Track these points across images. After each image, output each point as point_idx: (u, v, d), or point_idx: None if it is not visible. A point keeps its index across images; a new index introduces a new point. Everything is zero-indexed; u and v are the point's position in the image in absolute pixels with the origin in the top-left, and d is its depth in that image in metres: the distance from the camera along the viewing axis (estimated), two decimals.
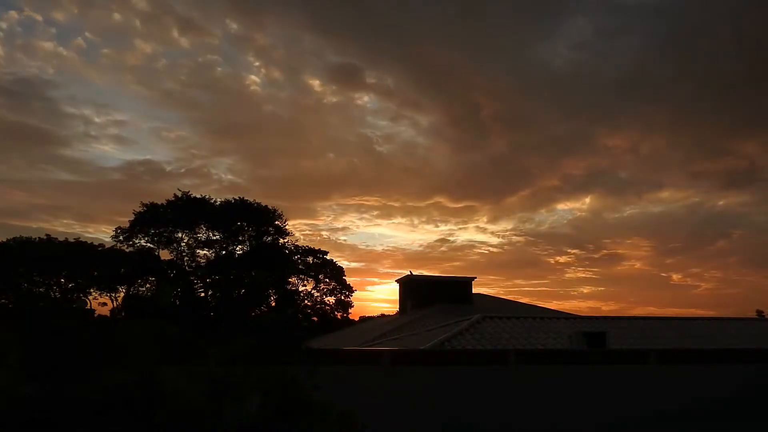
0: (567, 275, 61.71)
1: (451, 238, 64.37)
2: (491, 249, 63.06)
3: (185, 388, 2.61)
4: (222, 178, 57.01)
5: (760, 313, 36.13)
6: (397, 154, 61.59)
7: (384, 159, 61.57)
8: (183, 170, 56.02)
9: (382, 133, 60.63)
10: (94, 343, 2.74)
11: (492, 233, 63.39)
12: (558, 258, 61.45)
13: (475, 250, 63.63)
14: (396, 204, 62.05)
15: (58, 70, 52.99)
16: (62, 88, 56.61)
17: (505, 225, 63.92)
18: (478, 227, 64.02)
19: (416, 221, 63.81)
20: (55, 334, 2.73)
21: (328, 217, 60.76)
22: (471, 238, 64.76)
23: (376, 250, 65.67)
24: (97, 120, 53.92)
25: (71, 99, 55.75)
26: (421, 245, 66.07)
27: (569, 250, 61.41)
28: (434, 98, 56.65)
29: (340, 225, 62.28)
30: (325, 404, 2.68)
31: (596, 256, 61.21)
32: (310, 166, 60.94)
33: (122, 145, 57.91)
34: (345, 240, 63.81)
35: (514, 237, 62.87)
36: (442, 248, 64.55)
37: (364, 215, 62.91)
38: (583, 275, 62.15)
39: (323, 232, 60.26)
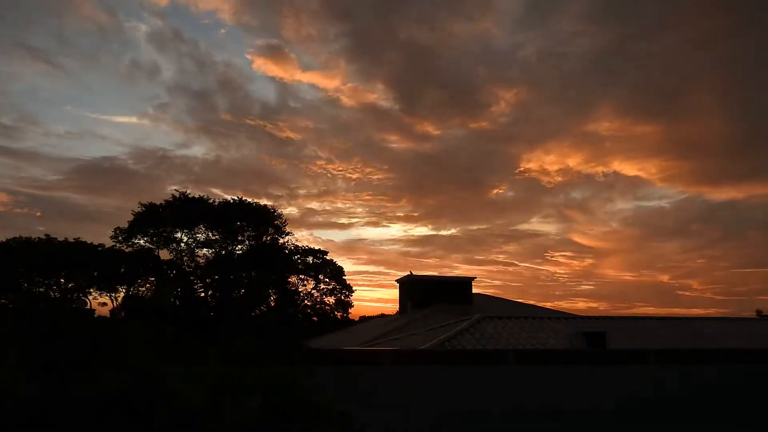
0: (559, 274, 61.42)
1: (424, 236, 63.49)
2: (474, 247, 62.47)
3: (185, 388, 2.61)
4: (184, 169, 56.05)
5: (760, 313, 36.21)
6: (359, 148, 59.69)
7: (345, 153, 59.82)
8: (140, 166, 55.17)
9: (341, 123, 58.48)
10: (94, 343, 2.74)
11: (468, 232, 62.69)
12: (549, 256, 61.09)
13: (456, 248, 62.95)
14: (365, 206, 60.10)
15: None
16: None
17: (481, 224, 62.97)
18: (451, 223, 62.99)
19: (389, 219, 62.18)
20: (55, 334, 2.73)
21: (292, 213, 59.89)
22: (448, 234, 63.98)
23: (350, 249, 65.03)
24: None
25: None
26: (397, 243, 64.99)
27: (560, 250, 61.05)
28: (392, 85, 54.87)
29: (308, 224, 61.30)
30: (325, 404, 2.68)
31: (586, 252, 60.91)
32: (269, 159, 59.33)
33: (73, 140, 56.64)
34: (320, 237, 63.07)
35: (496, 234, 62.27)
36: (422, 248, 63.79)
37: (328, 214, 61.23)
38: (576, 277, 61.82)
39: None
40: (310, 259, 43.83)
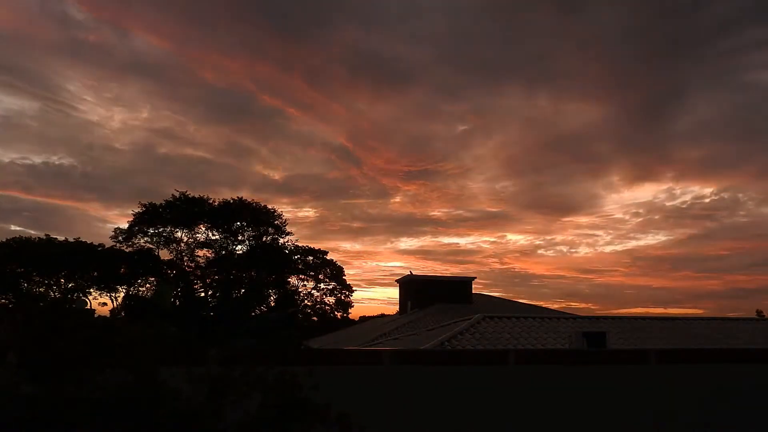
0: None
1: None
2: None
3: (185, 388, 2.61)
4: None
5: (760, 313, 36.25)
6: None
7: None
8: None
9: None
10: (94, 343, 2.74)
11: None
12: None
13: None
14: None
15: None
16: None
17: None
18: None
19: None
20: (55, 334, 2.73)
21: None
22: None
23: None
24: None
25: None
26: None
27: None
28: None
29: None
30: (325, 404, 2.68)
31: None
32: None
33: None
34: None
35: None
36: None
37: None
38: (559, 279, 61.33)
39: None
40: (310, 258, 43.86)
